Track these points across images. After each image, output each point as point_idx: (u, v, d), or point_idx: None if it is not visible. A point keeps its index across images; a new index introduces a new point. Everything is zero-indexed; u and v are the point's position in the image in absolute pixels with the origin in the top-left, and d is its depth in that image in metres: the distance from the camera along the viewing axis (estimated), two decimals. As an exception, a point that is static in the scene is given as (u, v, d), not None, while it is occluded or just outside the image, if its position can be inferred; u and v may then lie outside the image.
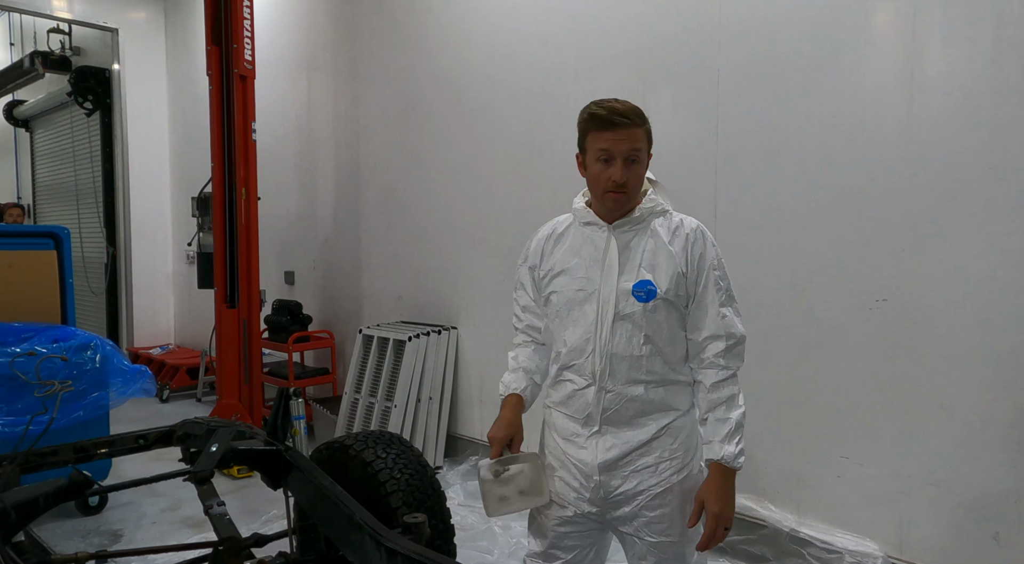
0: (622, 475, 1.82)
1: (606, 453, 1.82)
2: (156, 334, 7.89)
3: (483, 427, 4.55)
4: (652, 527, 1.81)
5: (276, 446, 2.38)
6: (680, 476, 1.82)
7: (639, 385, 1.80)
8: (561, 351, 1.90)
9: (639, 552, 1.84)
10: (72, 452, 2.48)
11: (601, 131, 1.76)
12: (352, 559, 2.03)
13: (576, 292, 1.86)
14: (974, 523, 2.52)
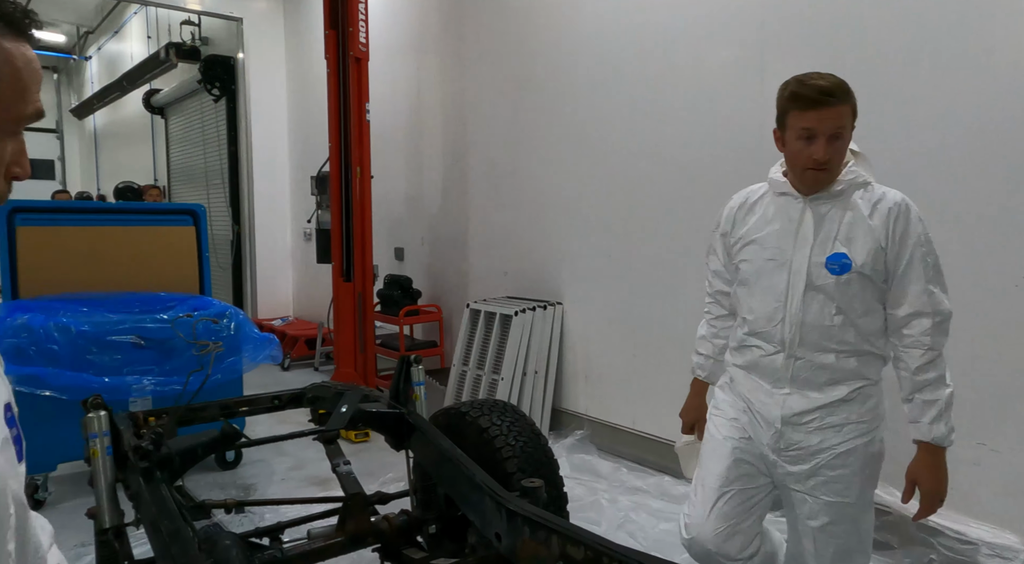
0: (805, 430, 1.84)
1: (790, 408, 1.86)
2: (276, 306, 8.41)
3: (587, 402, 4.60)
4: (830, 486, 1.81)
5: (400, 410, 2.51)
6: (864, 439, 1.81)
7: (830, 353, 1.81)
8: (747, 318, 1.94)
9: (810, 511, 1.84)
10: (218, 409, 2.72)
11: (804, 111, 1.73)
12: (472, 518, 2.13)
13: (766, 261, 1.87)
14: None
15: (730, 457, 1.99)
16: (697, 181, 3.72)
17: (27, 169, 0.82)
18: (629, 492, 3.68)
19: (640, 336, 4.14)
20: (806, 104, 1.70)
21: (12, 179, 0.82)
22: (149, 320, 3.81)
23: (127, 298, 4.07)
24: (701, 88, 3.76)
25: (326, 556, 2.41)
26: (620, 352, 4.32)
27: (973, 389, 2.70)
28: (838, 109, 1.71)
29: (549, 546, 1.84)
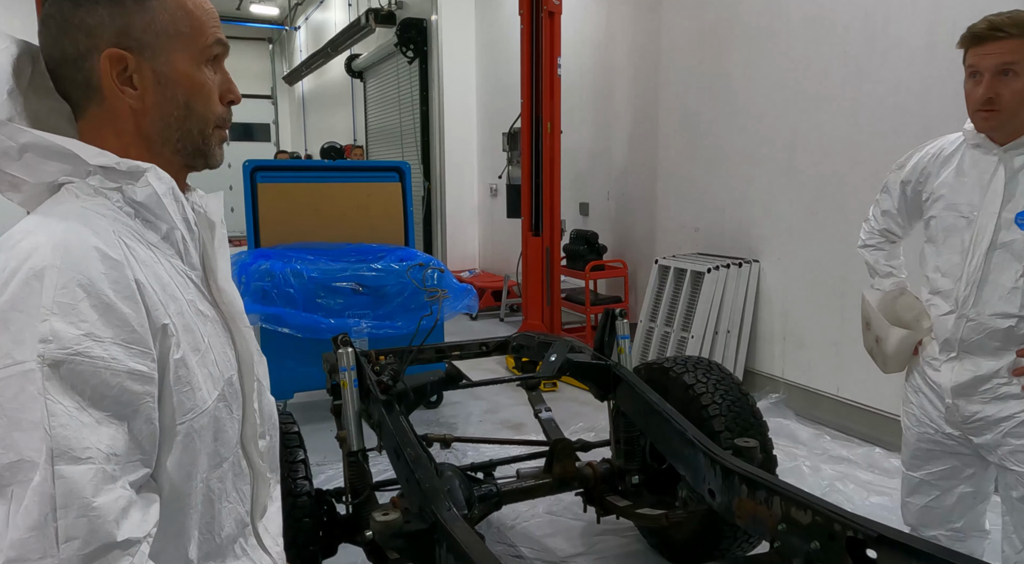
0: (980, 400, 1.73)
1: (959, 377, 1.76)
2: (464, 259, 8.85)
3: (784, 365, 4.39)
4: (1019, 456, 1.67)
5: (607, 361, 2.56)
6: None
7: (1009, 319, 1.67)
8: (931, 277, 1.83)
9: (1009, 482, 1.72)
10: (434, 352, 2.94)
11: (971, 47, 1.66)
12: (683, 473, 2.14)
13: (957, 218, 1.75)
14: None
15: (924, 445, 1.89)
16: (921, 136, 3.32)
17: (238, 95, 0.92)
18: (833, 461, 3.49)
19: (850, 299, 3.84)
20: (971, 40, 1.65)
21: (229, 104, 0.92)
22: (365, 268, 4.18)
23: (345, 248, 4.49)
24: (931, 34, 3.32)
25: (534, 495, 2.56)
26: (826, 314, 4.05)
27: None
28: (1006, 43, 1.58)
29: (770, 506, 1.80)
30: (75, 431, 0.68)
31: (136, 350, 0.74)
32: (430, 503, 1.71)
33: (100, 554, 0.67)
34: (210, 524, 0.86)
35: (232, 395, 0.89)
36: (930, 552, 1.48)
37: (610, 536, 2.88)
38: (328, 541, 2.09)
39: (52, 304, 0.70)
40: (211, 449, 0.84)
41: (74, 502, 0.67)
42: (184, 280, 0.85)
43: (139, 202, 0.82)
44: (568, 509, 3.09)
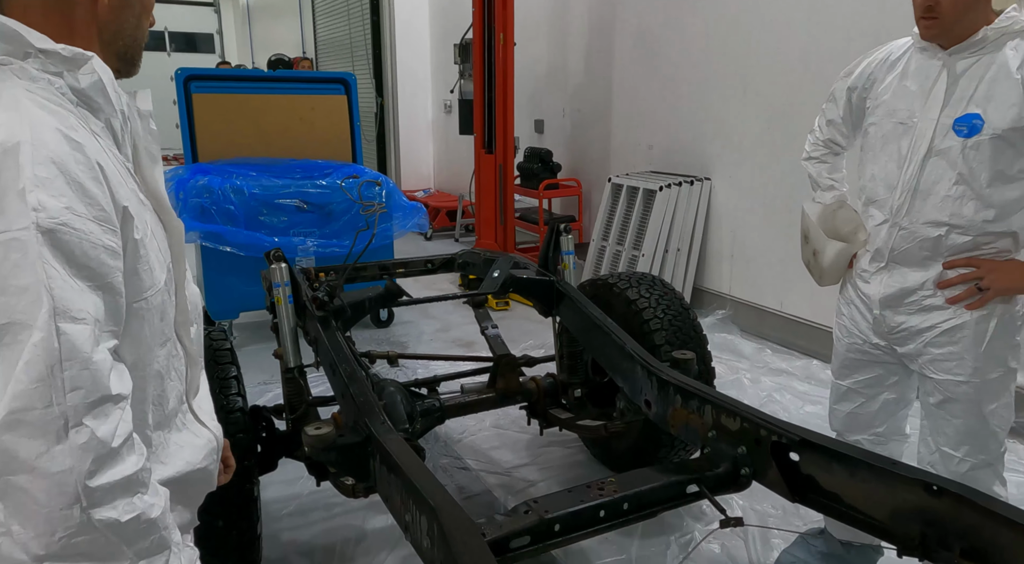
0: (906, 312, 1.75)
1: (887, 289, 1.77)
2: (418, 179, 8.66)
3: (731, 282, 4.45)
4: (938, 365, 1.72)
5: (549, 277, 2.54)
6: (977, 314, 1.65)
7: (939, 227, 1.67)
8: (867, 185, 1.82)
9: (928, 389, 1.78)
10: (377, 269, 2.88)
11: None
12: (621, 385, 2.17)
13: (895, 125, 1.73)
14: None
15: (853, 355, 1.92)
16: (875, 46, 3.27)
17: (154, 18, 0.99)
18: (773, 373, 3.61)
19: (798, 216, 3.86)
20: None
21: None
22: (310, 185, 4.04)
23: (289, 164, 4.32)
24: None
25: (477, 409, 2.58)
26: (774, 232, 4.08)
27: None
28: None
29: (702, 415, 1.84)
30: (71, 293, 0.74)
31: (107, 227, 0.79)
32: (364, 417, 1.70)
33: (99, 404, 0.75)
34: (160, 397, 0.95)
35: (169, 281, 0.95)
36: (847, 453, 1.54)
37: (554, 447, 2.96)
38: (267, 457, 2.08)
39: (33, 177, 0.73)
40: (159, 328, 0.92)
41: (77, 356, 0.73)
42: (124, 169, 0.89)
43: (82, 89, 0.84)
44: (514, 423, 3.14)
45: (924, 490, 1.41)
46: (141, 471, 0.80)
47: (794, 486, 1.65)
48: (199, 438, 1.03)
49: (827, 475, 1.59)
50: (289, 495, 2.58)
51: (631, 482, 1.69)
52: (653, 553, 2.26)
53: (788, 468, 1.66)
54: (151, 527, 0.81)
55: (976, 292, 1.64)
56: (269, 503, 2.49)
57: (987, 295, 1.63)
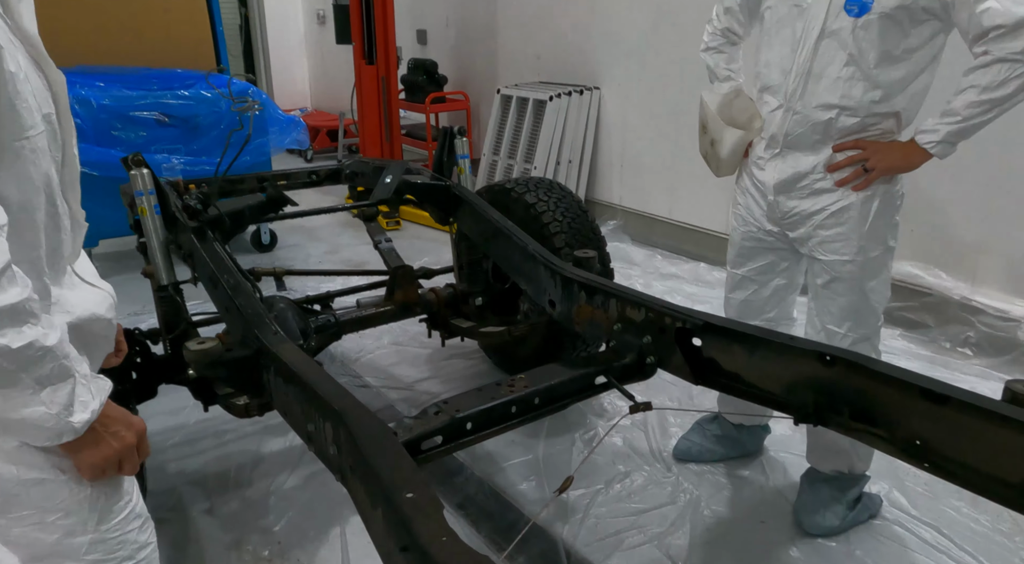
0: (798, 196, 1.80)
1: (781, 174, 1.81)
2: (293, 97, 8.09)
3: (622, 192, 4.50)
4: (826, 246, 1.78)
5: (445, 181, 2.42)
6: (862, 195, 1.72)
7: (830, 110, 1.70)
8: (762, 71, 1.82)
9: (816, 270, 1.85)
10: (255, 181, 2.64)
11: None
12: (525, 287, 2.13)
13: (791, 8, 1.72)
14: None
15: (748, 243, 1.97)
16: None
17: None
18: (663, 278, 3.72)
19: (684, 122, 3.92)
20: None
21: None
22: (171, 96, 3.63)
23: (144, 74, 3.85)
24: None
25: (376, 323, 2.47)
26: (661, 140, 4.13)
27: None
28: None
29: (607, 309, 1.83)
30: None
31: None
32: (253, 328, 1.56)
33: None
34: (55, 251, 0.95)
35: (52, 134, 0.91)
36: (747, 332, 1.58)
37: (456, 360, 2.92)
38: (144, 383, 1.90)
39: None
40: (44, 174, 0.89)
41: None
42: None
43: None
44: (414, 339, 3.07)
45: (818, 361, 1.47)
46: (27, 301, 0.80)
47: (697, 370, 1.69)
48: (97, 293, 1.05)
49: (728, 356, 1.63)
50: (174, 426, 2.41)
51: (540, 377, 1.67)
52: (559, 451, 2.30)
53: (691, 353, 1.69)
54: (47, 354, 0.83)
55: (862, 173, 1.70)
56: (152, 435, 2.30)
57: (872, 175, 1.69)
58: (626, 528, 1.91)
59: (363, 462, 1.14)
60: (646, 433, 2.37)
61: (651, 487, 2.09)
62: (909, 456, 1.37)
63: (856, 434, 1.46)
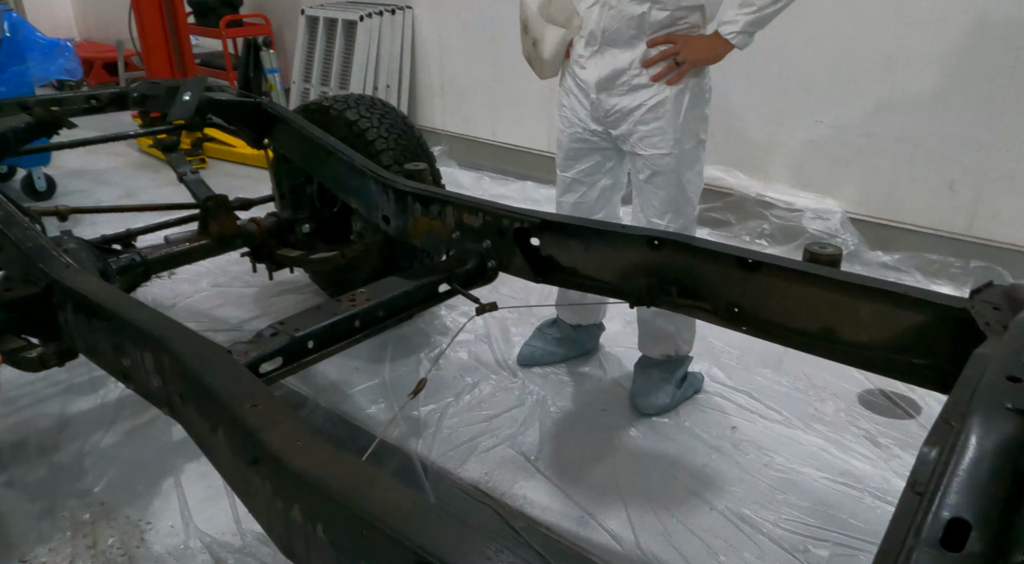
0: (618, 93, 1.86)
1: (601, 71, 1.85)
2: (54, 26, 6.94)
3: (445, 117, 4.43)
4: (646, 141, 1.87)
5: (255, 98, 2.21)
6: (675, 89, 1.81)
7: (642, 4, 1.75)
8: None
9: (638, 167, 1.93)
10: (16, 107, 2.23)
11: None
12: (356, 205, 2.02)
13: None
14: (934, 173, 2.71)
15: (575, 144, 2.02)
16: None
17: None
18: (492, 199, 3.73)
19: (500, 42, 3.89)
20: None
21: None
22: None
23: None
24: None
25: (190, 259, 2.25)
26: (479, 61, 4.08)
27: (819, 69, 2.88)
28: None
29: (444, 219, 1.80)
30: None
31: None
32: (38, 263, 1.33)
33: None
34: None
35: None
36: (582, 225, 1.63)
37: (287, 296, 2.76)
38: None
39: None
40: None
41: None
42: None
43: None
44: (237, 278, 2.85)
45: (647, 246, 1.55)
46: None
47: (538, 268, 1.72)
48: None
49: (565, 252, 1.67)
50: (-51, 400, 2.05)
51: (382, 290, 1.62)
52: (406, 372, 2.27)
53: (531, 253, 1.71)
54: None
55: (674, 67, 1.78)
56: (-78, 413, 1.95)
57: (683, 68, 1.78)
58: (479, 434, 1.94)
59: (195, 383, 1.03)
60: (490, 345, 2.40)
61: (499, 393, 2.14)
62: (729, 322, 1.50)
63: (684, 309, 1.57)
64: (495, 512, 1.67)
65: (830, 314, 1.35)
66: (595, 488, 1.75)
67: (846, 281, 1.32)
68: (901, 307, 1.25)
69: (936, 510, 0.61)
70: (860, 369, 1.32)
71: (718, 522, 1.64)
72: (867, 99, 2.79)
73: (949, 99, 2.63)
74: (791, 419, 2.01)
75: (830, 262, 1.41)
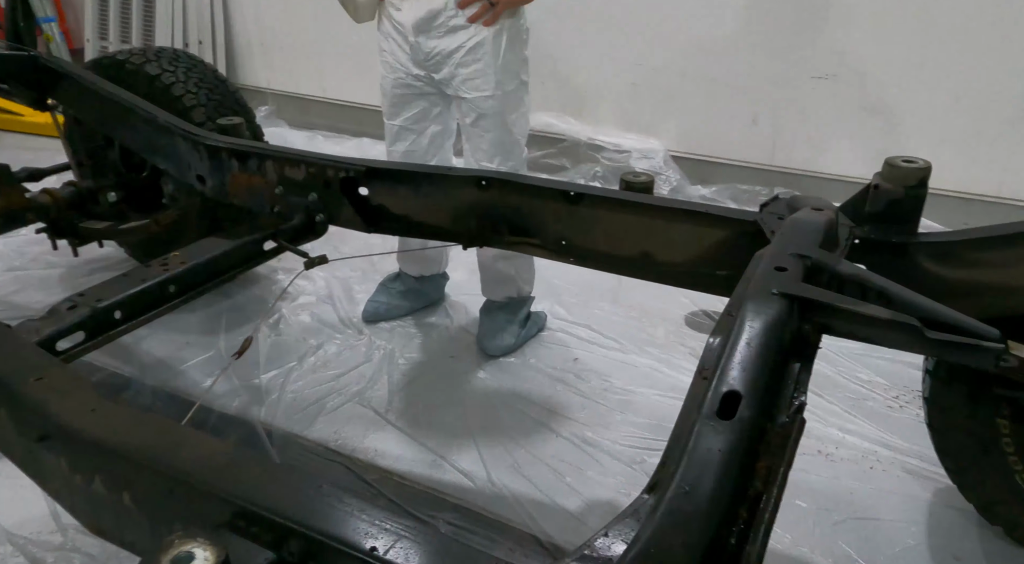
0: (436, 35, 1.84)
1: (417, 13, 1.82)
2: None
3: (269, 74, 4.16)
4: (468, 84, 1.87)
5: (29, 51, 1.94)
6: (492, 30, 1.82)
7: None
8: None
9: (464, 110, 1.92)
10: None
11: None
12: (165, 166, 1.86)
13: None
14: (739, 109, 2.94)
15: (399, 90, 1.98)
16: None
17: None
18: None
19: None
20: None
21: None
22: None
23: None
24: None
25: (-28, 241, 1.98)
26: (300, 14, 3.85)
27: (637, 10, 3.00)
28: None
29: (264, 174, 1.70)
30: None
31: None
32: None
33: None
34: None
35: None
36: (409, 170, 1.60)
37: (99, 273, 2.51)
38: None
39: None
40: None
41: None
42: None
43: None
44: (37, 260, 2.56)
45: (476, 186, 1.56)
46: None
47: (369, 218, 1.68)
48: None
49: (395, 199, 1.65)
50: None
51: (198, 251, 1.52)
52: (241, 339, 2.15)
53: (360, 203, 1.67)
54: None
55: (489, 7, 1.77)
56: None
57: (498, 9, 1.78)
58: (325, 394, 1.90)
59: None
60: (333, 305, 2.33)
61: (345, 352, 2.09)
62: (559, 254, 1.56)
63: (516, 246, 1.60)
64: (346, 467, 1.65)
65: (646, 238, 1.44)
66: (446, 432, 1.78)
67: (658, 205, 1.41)
68: (704, 225, 1.35)
69: (716, 388, 0.67)
70: (675, 286, 1.43)
71: (564, 447, 1.73)
72: (681, 41, 2.96)
73: (747, 39, 2.84)
74: (627, 346, 2.14)
75: (643, 188, 1.49)
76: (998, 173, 2.58)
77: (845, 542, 1.46)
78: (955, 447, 1.37)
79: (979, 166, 2.61)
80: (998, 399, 1.26)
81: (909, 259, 1.15)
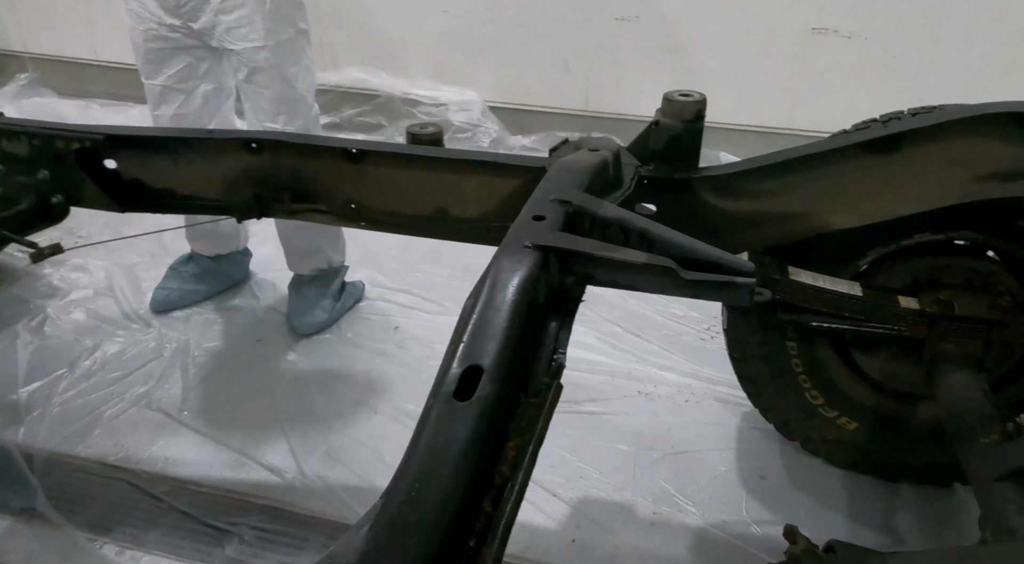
0: None
1: None
2: None
3: (26, 35, 3.56)
4: (234, 34, 1.65)
5: None
6: None
7: None
8: None
9: (235, 64, 1.71)
10: None
11: None
12: None
13: None
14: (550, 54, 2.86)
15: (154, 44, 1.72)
16: None
17: None
18: (108, 130, 3.15)
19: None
20: None
21: None
22: None
23: None
24: None
25: None
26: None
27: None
28: None
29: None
30: None
31: None
32: None
33: None
34: None
35: None
36: (158, 136, 1.38)
37: None
38: None
39: None
40: None
41: None
42: None
43: None
44: None
45: (245, 150, 1.37)
46: None
47: (121, 196, 1.43)
48: None
49: (152, 171, 1.42)
50: None
51: None
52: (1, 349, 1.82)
53: (108, 179, 1.42)
54: None
55: None
56: None
57: None
58: (103, 402, 1.65)
59: None
60: (115, 297, 2.04)
61: (129, 350, 1.83)
62: (349, 220, 1.41)
63: (301, 215, 1.43)
64: (129, 484, 1.43)
65: (439, 194, 1.33)
66: (252, 426, 1.60)
67: (447, 157, 1.30)
68: (495, 175, 1.26)
69: (454, 364, 0.57)
70: (474, 243, 1.33)
71: (382, 424, 1.62)
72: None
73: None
74: (450, 308, 2.04)
75: (432, 141, 1.36)
76: (787, 106, 2.73)
77: (664, 479, 1.48)
78: (753, 373, 1.41)
79: (770, 100, 2.74)
80: (784, 324, 1.29)
81: (693, 194, 1.12)
